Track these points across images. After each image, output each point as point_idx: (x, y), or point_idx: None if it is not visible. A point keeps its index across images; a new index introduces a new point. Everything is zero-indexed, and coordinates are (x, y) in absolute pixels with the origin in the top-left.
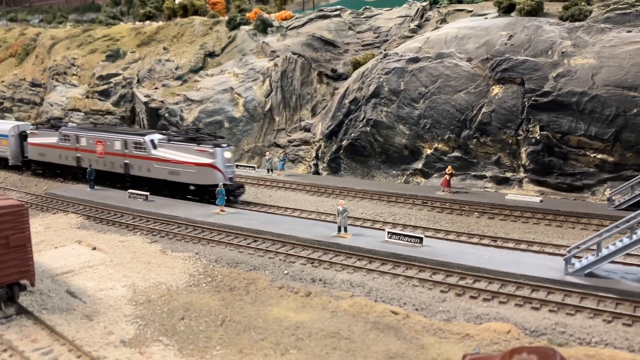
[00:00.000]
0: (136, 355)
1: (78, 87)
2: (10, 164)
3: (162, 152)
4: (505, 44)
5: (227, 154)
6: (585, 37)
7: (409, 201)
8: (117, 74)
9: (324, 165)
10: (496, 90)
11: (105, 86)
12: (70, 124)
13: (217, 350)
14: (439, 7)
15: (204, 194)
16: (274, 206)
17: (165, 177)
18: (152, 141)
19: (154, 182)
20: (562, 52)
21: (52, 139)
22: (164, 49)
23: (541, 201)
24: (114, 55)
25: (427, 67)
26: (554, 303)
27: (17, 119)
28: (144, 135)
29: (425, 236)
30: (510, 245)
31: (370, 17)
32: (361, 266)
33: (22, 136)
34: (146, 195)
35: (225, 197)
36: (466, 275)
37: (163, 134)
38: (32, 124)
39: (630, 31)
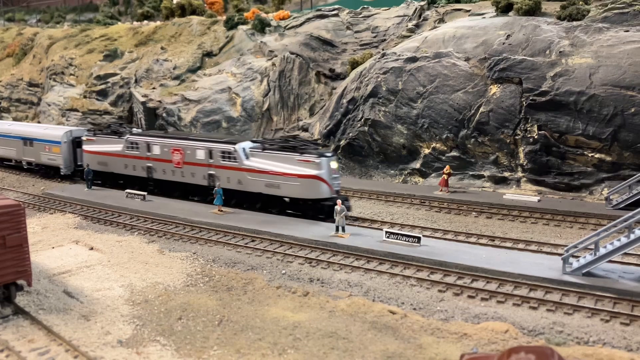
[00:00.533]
0: (133, 356)
1: (75, 87)
2: (62, 173)
3: (256, 162)
4: (503, 43)
5: (334, 164)
6: (583, 37)
7: (406, 201)
8: (114, 74)
9: None
10: (494, 89)
11: (103, 86)
12: (134, 129)
13: (215, 350)
14: (437, 7)
15: (307, 209)
16: None
17: (260, 190)
18: (243, 150)
19: (246, 195)
20: (560, 52)
21: (116, 146)
22: (162, 48)
23: (539, 201)
24: (112, 55)
25: (425, 66)
26: (552, 302)
27: (15, 119)
28: (234, 143)
29: (423, 236)
30: (508, 244)
31: (368, 16)
32: (359, 266)
33: (75, 142)
34: (144, 195)
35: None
36: (464, 274)
37: (255, 141)
38: (88, 130)
39: (628, 30)
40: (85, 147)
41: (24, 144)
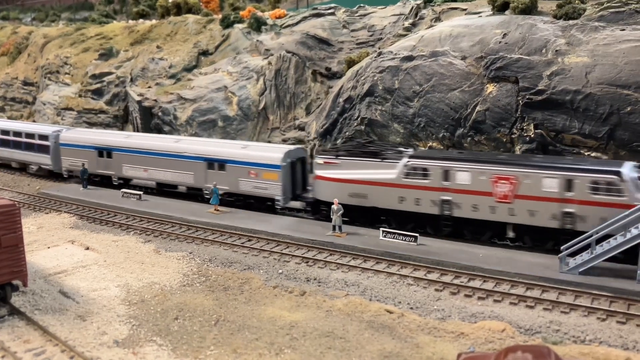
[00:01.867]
0: (129, 356)
1: (71, 86)
2: (278, 207)
3: None
4: (500, 42)
5: None
6: (579, 36)
7: None
8: (110, 73)
9: None
10: (490, 88)
11: (98, 85)
12: (400, 148)
13: (211, 350)
14: (433, 6)
15: None
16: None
17: None
18: (633, 179)
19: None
20: (556, 51)
21: (383, 172)
22: (158, 47)
23: None
24: (107, 54)
25: (422, 65)
26: (549, 301)
27: (9, 119)
28: (617, 171)
29: (420, 234)
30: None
31: (365, 15)
32: (356, 265)
33: (292, 165)
34: (139, 195)
35: None
36: (461, 273)
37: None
38: (324, 150)
39: (624, 29)
40: (321, 172)
41: (209, 166)
